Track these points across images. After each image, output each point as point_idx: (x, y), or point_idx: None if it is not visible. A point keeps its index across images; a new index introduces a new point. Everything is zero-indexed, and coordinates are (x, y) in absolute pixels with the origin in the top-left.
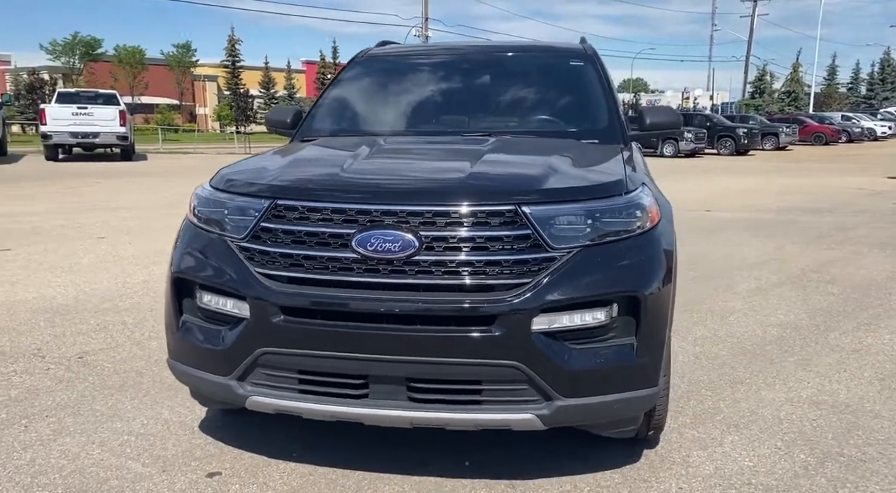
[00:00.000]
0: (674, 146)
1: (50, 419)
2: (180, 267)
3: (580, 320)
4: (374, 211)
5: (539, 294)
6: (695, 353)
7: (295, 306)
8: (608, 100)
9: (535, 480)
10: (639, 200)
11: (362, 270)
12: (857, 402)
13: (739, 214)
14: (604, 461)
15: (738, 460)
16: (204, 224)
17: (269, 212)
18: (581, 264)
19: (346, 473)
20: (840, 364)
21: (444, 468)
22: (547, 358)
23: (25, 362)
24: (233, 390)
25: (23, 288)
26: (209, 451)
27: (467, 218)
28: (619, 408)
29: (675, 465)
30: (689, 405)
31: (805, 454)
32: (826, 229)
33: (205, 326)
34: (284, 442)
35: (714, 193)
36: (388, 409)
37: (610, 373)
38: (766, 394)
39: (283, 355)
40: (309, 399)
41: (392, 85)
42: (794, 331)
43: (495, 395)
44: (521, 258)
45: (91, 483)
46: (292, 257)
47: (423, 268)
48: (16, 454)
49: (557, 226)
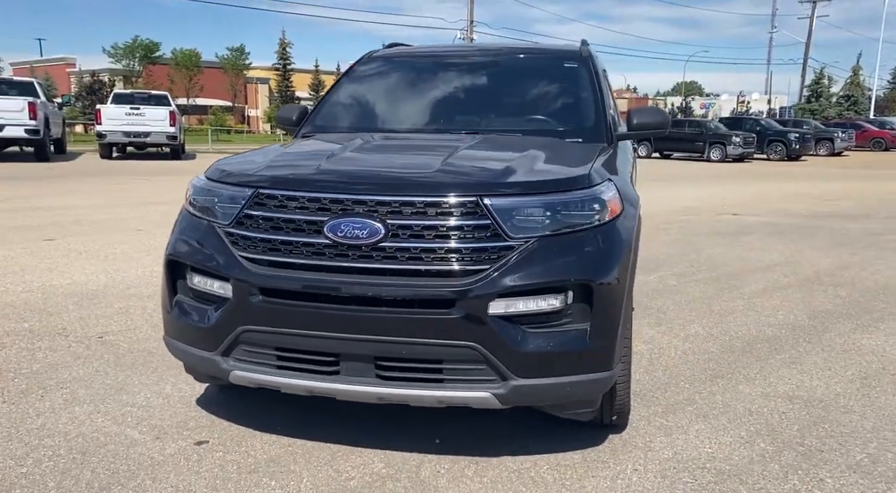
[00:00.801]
0: (721, 150)
1: (64, 391)
2: (174, 251)
3: (535, 305)
4: (346, 200)
5: (496, 280)
6: (684, 349)
7: (272, 288)
8: (596, 101)
9: (498, 457)
10: (598, 194)
11: (333, 254)
12: (832, 398)
13: (768, 219)
14: (567, 443)
15: (699, 446)
16: (197, 211)
17: (252, 200)
18: (538, 253)
19: (322, 445)
20: (826, 363)
21: (415, 444)
22: (502, 340)
23: (50, 339)
24: (218, 365)
25: (59, 274)
26: (201, 422)
27: (431, 208)
28: (571, 390)
29: (636, 449)
30: (664, 396)
31: (765, 444)
32: (854, 235)
33: (194, 305)
34: (271, 416)
35: (749, 198)
36: (357, 385)
37: (563, 356)
38: (744, 388)
39: (262, 332)
40: (286, 375)
41: (390, 85)
42: (790, 331)
43: (456, 374)
44: (481, 246)
45: (91, 447)
46: (271, 242)
47: (388, 254)
48: (29, 419)
49: (517, 217)
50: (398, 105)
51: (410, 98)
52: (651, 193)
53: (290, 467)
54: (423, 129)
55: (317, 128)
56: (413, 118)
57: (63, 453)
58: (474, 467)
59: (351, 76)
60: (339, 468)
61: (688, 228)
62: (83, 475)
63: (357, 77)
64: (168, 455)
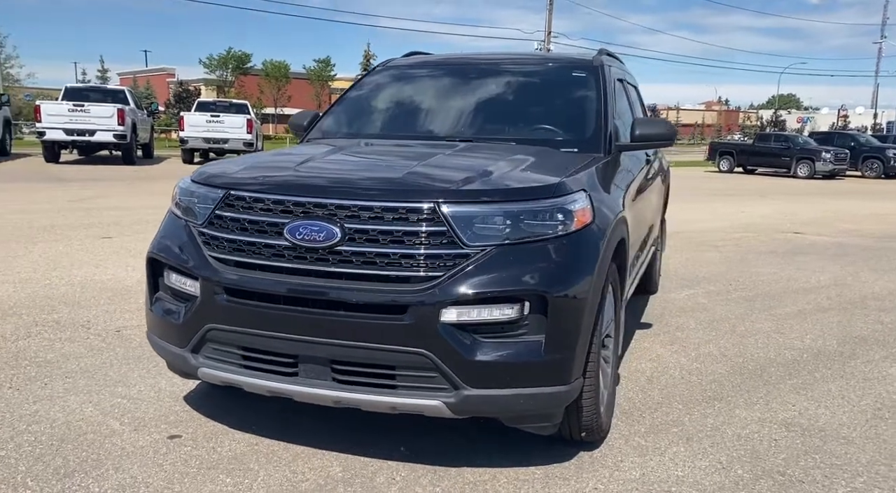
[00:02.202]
0: (809, 166)
1: (67, 380)
2: (153, 249)
3: (489, 314)
4: (307, 203)
5: (449, 288)
6: (689, 369)
7: (236, 288)
8: (599, 112)
9: (458, 468)
10: (563, 204)
11: (292, 257)
12: (834, 428)
13: (835, 239)
14: (534, 458)
15: (670, 469)
16: (180, 212)
17: (223, 201)
18: (494, 262)
19: (288, 446)
20: (841, 391)
21: (380, 451)
22: (454, 349)
23: (72, 331)
24: (188, 361)
25: (103, 270)
26: (181, 417)
27: (388, 213)
28: (525, 403)
29: (603, 468)
30: (652, 416)
31: (743, 470)
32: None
33: (171, 302)
34: (249, 415)
35: (823, 216)
36: (314, 387)
37: (516, 368)
38: (740, 413)
39: (227, 331)
40: (248, 374)
41: (395, 93)
42: (812, 356)
43: (408, 381)
44: (435, 253)
45: (71, 435)
46: (236, 242)
47: (344, 257)
48: (26, 405)
49: (475, 225)
50: (398, 113)
51: (411, 106)
52: (714, 209)
53: (249, 465)
54: (417, 136)
55: (322, 133)
56: (410, 126)
57: (44, 439)
58: (430, 476)
59: (362, 83)
60: (296, 470)
61: (743, 246)
62: (54, 462)
63: (367, 85)
64: (139, 447)
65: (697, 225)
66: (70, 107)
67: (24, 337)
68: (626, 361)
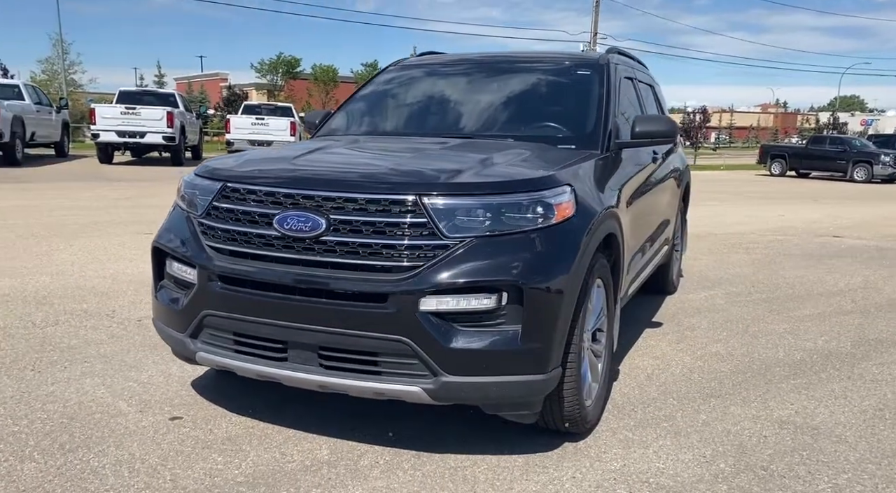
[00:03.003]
0: (866, 170)
1: (85, 364)
2: (158, 239)
3: (467, 304)
4: (297, 195)
5: (428, 277)
6: (692, 367)
7: (229, 276)
8: (599, 109)
9: (443, 454)
10: (544, 198)
11: (280, 246)
12: (829, 427)
13: (875, 243)
14: (520, 447)
15: (652, 461)
16: (184, 204)
17: (220, 193)
18: (472, 253)
19: (282, 429)
20: (845, 391)
21: (367, 436)
22: (433, 336)
23: (97, 320)
24: (187, 346)
25: (134, 264)
26: (185, 400)
27: (372, 205)
28: (502, 390)
29: (585, 458)
30: (644, 411)
31: (726, 464)
32: None
33: (174, 290)
34: (250, 399)
35: (867, 221)
36: (302, 372)
37: (493, 356)
38: (735, 410)
39: (221, 317)
40: (241, 358)
41: (401, 91)
42: (823, 357)
43: (390, 367)
44: (416, 244)
45: (81, 414)
46: (231, 232)
47: (329, 247)
48: (44, 386)
49: (456, 217)
50: (401, 110)
51: (414, 104)
52: (754, 212)
53: (242, 446)
54: (417, 133)
55: (330, 131)
56: (411, 123)
57: (55, 417)
58: (414, 461)
59: (372, 82)
60: (285, 452)
61: (776, 248)
62: (60, 438)
63: (375, 83)
64: (141, 427)
65: (733, 228)
66: (122, 110)
67: (52, 324)
68: (629, 357)
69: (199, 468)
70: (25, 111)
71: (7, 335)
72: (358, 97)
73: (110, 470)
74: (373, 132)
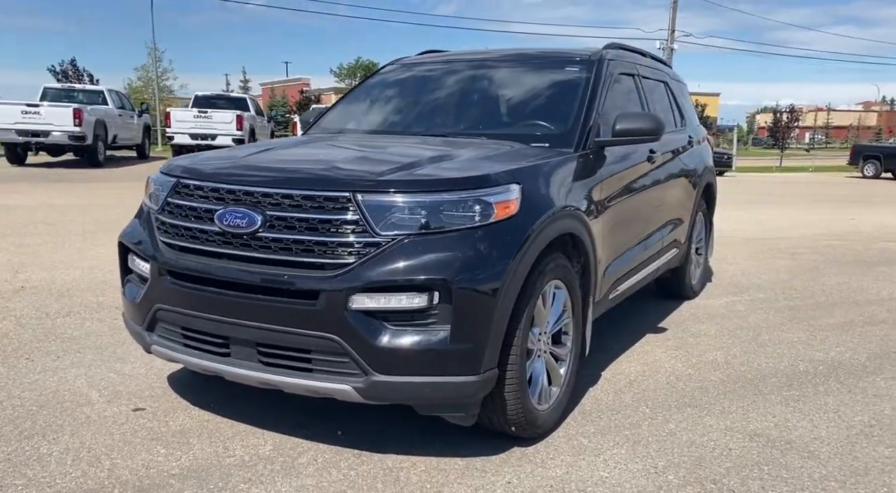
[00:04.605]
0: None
1: (77, 355)
2: (122, 235)
3: (397, 302)
4: (238, 191)
5: (358, 275)
6: (680, 374)
7: (176, 270)
8: (580, 107)
9: (383, 454)
10: (483, 196)
11: (220, 242)
12: (805, 441)
13: None
14: (463, 449)
15: (597, 470)
16: (149, 201)
17: (174, 188)
18: (405, 251)
19: (234, 424)
20: (838, 406)
21: (315, 433)
22: (362, 335)
23: (106, 312)
24: (144, 338)
25: None
26: (154, 392)
27: (307, 201)
28: (432, 391)
29: (528, 463)
30: (609, 418)
31: (675, 476)
32: None
33: (136, 284)
34: (214, 394)
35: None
36: (243, 368)
37: (423, 355)
38: (709, 420)
39: (171, 311)
40: (188, 352)
41: (391, 90)
42: (829, 369)
43: (323, 365)
44: (348, 241)
45: (51, 401)
46: (178, 227)
47: (264, 243)
48: (31, 374)
49: (391, 214)
50: (385, 109)
51: (400, 102)
52: (817, 215)
53: (189, 439)
54: (397, 131)
55: (319, 129)
56: (390, 121)
57: (27, 405)
58: (353, 460)
59: (366, 81)
60: (229, 446)
61: (826, 254)
62: (23, 424)
63: (369, 82)
64: (103, 417)
65: (785, 232)
66: (195, 113)
67: (63, 315)
68: (617, 363)
69: (140, 460)
70: (108, 115)
71: (19, 325)
72: (350, 95)
73: (55, 458)
74: (355, 130)
